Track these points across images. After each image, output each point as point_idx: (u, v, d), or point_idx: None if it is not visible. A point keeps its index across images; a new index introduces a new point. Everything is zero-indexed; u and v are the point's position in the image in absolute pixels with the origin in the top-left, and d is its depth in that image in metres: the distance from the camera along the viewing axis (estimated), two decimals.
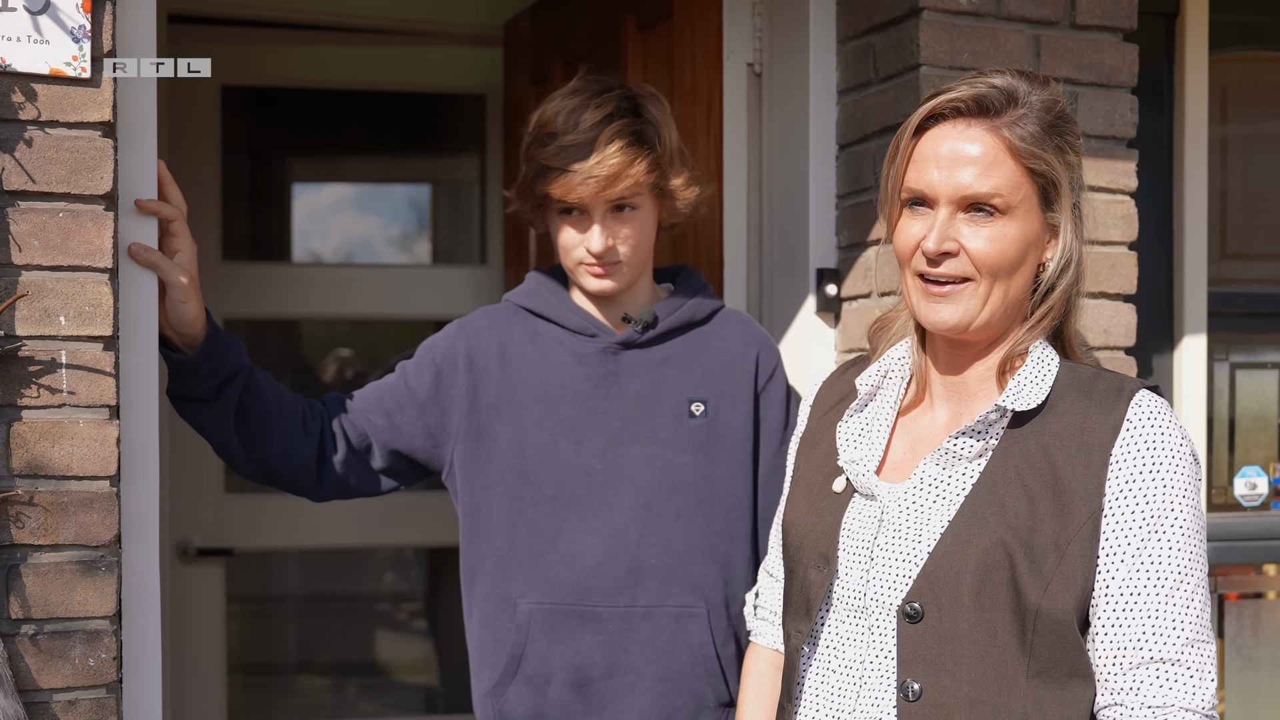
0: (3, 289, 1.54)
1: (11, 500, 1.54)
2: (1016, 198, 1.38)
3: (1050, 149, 1.39)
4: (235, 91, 3.54)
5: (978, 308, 1.40)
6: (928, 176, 1.40)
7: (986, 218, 1.38)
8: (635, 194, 1.90)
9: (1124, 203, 2.14)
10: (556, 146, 1.87)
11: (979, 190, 1.37)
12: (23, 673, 1.54)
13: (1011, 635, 1.33)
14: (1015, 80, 1.41)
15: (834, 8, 2.19)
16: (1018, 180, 1.38)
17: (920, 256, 1.41)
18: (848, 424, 1.52)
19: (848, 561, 1.45)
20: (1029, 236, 1.40)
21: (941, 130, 1.40)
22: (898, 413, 1.52)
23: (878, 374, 1.54)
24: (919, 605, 1.36)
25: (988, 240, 1.38)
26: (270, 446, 1.85)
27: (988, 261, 1.38)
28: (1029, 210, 1.39)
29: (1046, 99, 1.41)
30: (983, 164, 1.37)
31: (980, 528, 1.35)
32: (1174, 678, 1.31)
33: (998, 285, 1.40)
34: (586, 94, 1.91)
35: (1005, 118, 1.38)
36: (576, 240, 1.91)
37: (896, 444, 1.50)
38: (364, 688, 4.16)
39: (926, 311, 1.42)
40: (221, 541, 3.35)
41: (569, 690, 1.89)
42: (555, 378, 1.94)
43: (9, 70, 1.53)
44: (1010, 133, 1.37)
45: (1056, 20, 2.09)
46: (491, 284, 3.49)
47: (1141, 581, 1.32)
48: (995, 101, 1.38)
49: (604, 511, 1.91)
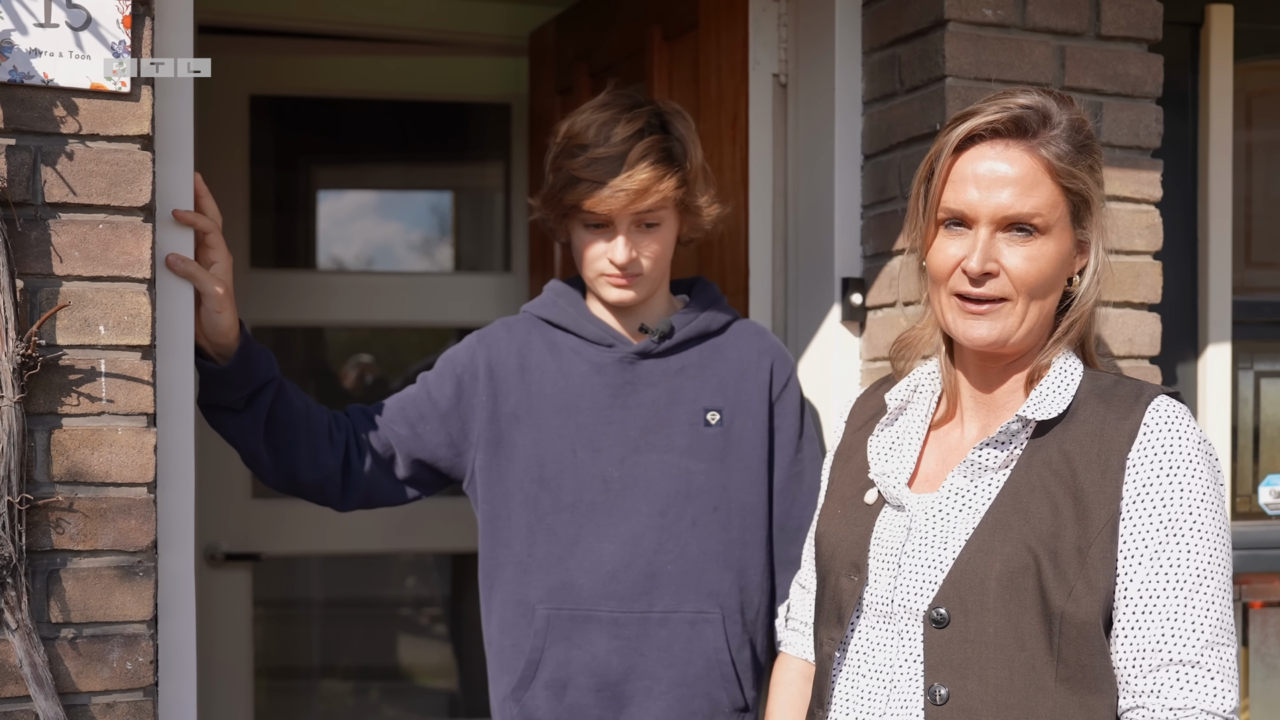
0: (44, 299, 1.57)
1: (52, 506, 1.57)
2: (1054, 217, 1.41)
3: (1083, 168, 1.42)
4: (262, 101, 3.57)
5: (1015, 325, 1.42)
6: (967, 197, 1.41)
7: (1026, 237, 1.40)
8: (661, 209, 1.93)
9: (1149, 212, 2.14)
10: (587, 158, 1.90)
11: (1020, 210, 1.40)
12: (62, 676, 1.57)
13: (1038, 640, 1.34)
14: (1044, 99, 1.43)
15: (859, 19, 2.21)
16: (1055, 199, 1.41)
17: (960, 276, 1.43)
18: (879, 438, 1.55)
19: (877, 569, 1.47)
20: (1064, 254, 1.43)
21: (979, 150, 1.42)
22: (930, 427, 1.53)
23: (907, 389, 1.56)
24: (945, 611, 1.38)
25: (1026, 259, 1.40)
26: (297, 457, 1.87)
27: (1027, 281, 1.41)
28: (1064, 229, 1.42)
29: (1075, 119, 1.44)
30: (1023, 184, 1.40)
31: (1004, 534, 1.37)
32: (1195, 680, 1.32)
33: (1034, 304, 1.42)
34: (617, 108, 1.93)
35: (1041, 137, 1.41)
36: (600, 252, 1.94)
37: (928, 457, 1.52)
38: (386, 692, 4.19)
39: (965, 328, 1.44)
40: (249, 546, 3.38)
41: (587, 694, 1.91)
42: (573, 387, 1.96)
43: (51, 85, 1.56)
44: (1047, 152, 1.40)
45: (1081, 31, 2.09)
46: (517, 291, 3.52)
47: (1160, 584, 1.33)
48: (1031, 122, 1.41)
49: (621, 519, 1.93)
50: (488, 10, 3.35)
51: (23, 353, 1.52)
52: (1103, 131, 2.10)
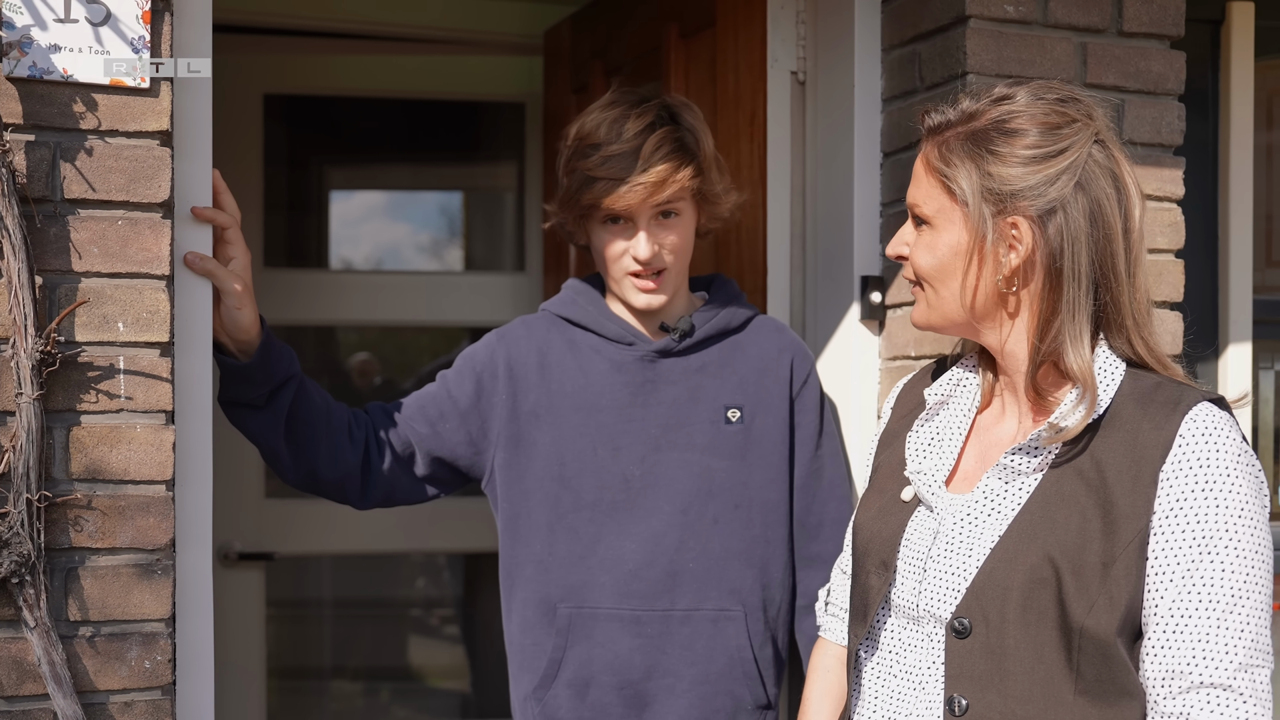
0: (63, 296, 1.56)
1: (70, 504, 1.56)
2: (932, 208, 1.44)
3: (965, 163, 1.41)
4: (276, 100, 3.57)
5: (924, 309, 1.49)
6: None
7: (921, 228, 1.47)
8: (679, 200, 1.93)
9: (1171, 210, 2.13)
10: (601, 156, 1.89)
11: (911, 200, 1.49)
12: (80, 674, 1.56)
13: (1058, 653, 1.32)
14: (976, 101, 1.45)
15: (879, 16, 2.20)
16: (935, 193, 1.44)
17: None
18: (917, 434, 1.53)
19: (905, 570, 1.46)
20: (955, 246, 1.43)
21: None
22: (972, 424, 1.52)
23: (949, 383, 1.54)
24: (967, 621, 1.36)
25: (918, 247, 1.47)
26: (317, 454, 1.87)
27: (915, 265, 1.48)
28: (951, 221, 1.43)
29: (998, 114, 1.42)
30: (917, 176, 1.48)
31: (1029, 544, 1.35)
32: (1225, 703, 1.28)
33: (935, 291, 1.46)
34: (625, 105, 1.93)
35: (944, 135, 1.45)
36: (622, 249, 1.93)
37: (969, 453, 1.50)
38: (397, 693, 4.18)
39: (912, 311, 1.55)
40: (262, 546, 3.38)
41: (609, 693, 1.90)
42: (593, 385, 1.95)
43: (71, 80, 1.55)
44: (933, 150, 1.45)
45: (1103, 28, 2.08)
46: (530, 291, 3.51)
47: (1192, 603, 1.30)
48: (938, 123, 1.46)
49: (642, 517, 1.92)
50: (502, 9, 3.34)
51: (42, 349, 1.52)
52: (1124, 129, 2.09)
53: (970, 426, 1.51)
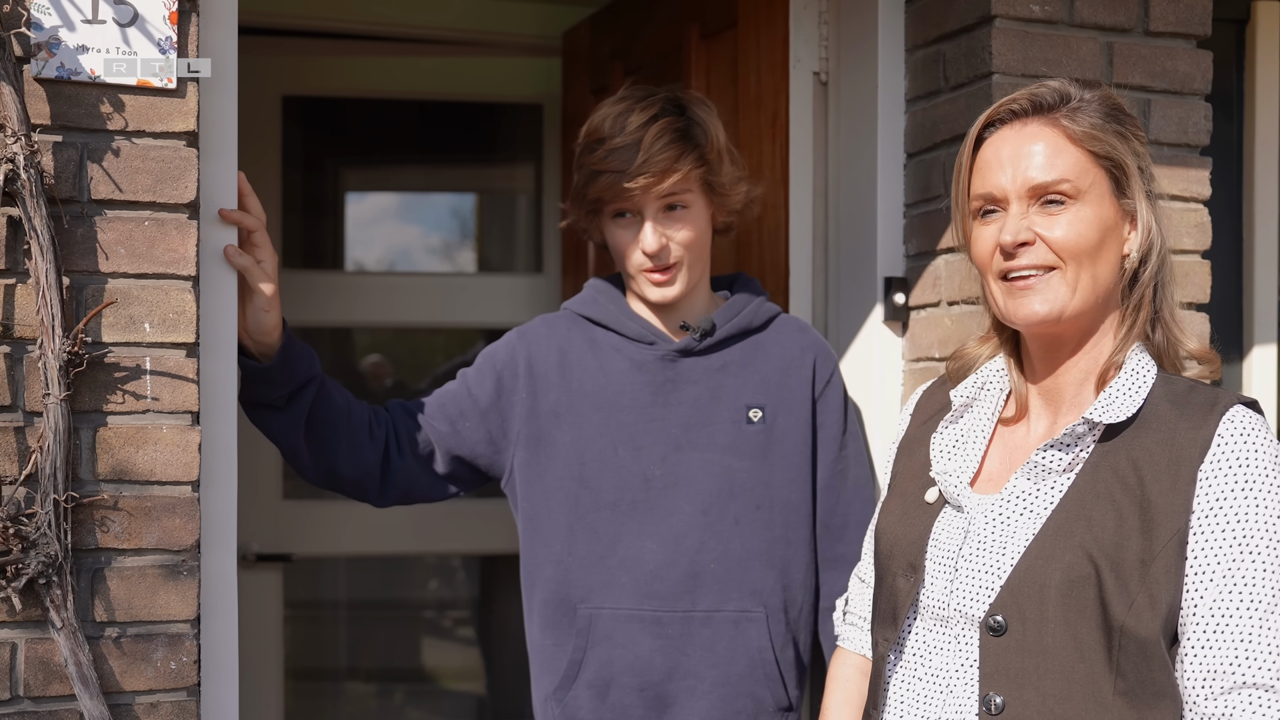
0: (90, 297, 1.56)
1: (97, 505, 1.56)
2: (1085, 182, 1.39)
3: (1111, 134, 1.40)
4: (292, 101, 3.57)
5: (1067, 295, 1.39)
6: (994, 179, 1.41)
7: (1059, 207, 1.39)
8: (684, 190, 1.91)
9: (1197, 211, 2.12)
10: (605, 150, 1.89)
11: (1045, 179, 1.39)
12: (107, 675, 1.56)
13: (1098, 652, 1.31)
14: (1065, 84, 1.43)
15: (903, 16, 2.19)
16: (1084, 165, 1.39)
17: (999, 256, 1.41)
18: (942, 435, 1.52)
19: (934, 571, 1.44)
20: (1105, 221, 1.40)
21: (1001, 134, 1.43)
22: (996, 424, 1.51)
23: (974, 385, 1.53)
24: (1002, 619, 1.35)
25: (1064, 226, 1.38)
26: (338, 454, 1.87)
27: (1067, 245, 1.38)
28: (1101, 196, 1.40)
29: (1101, 94, 1.43)
30: (1045, 154, 1.39)
31: (1065, 542, 1.34)
32: (1268, 704, 1.27)
33: (1084, 271, 1.39)
34: (632, 99, 1.93)
35: (1060, 111, 1.40)
36: (631, 244, 1.92)
37: (993, 455, 1.49)
38: (411, 694, 4.18)
39: (1015, 308, 1.41)
40: (280, 547, 3.38)
41: (629, 695, 1.90)
42: (614, 385, 1.95)
43: (98, 81, 1.55)
44: (1069, 121, 1.40)
45: (1129, 27, 2.07)
46: (549, 292, 3.50)
47: (1233, 603, 1.29)
48: (1049, 99, 1.41)
49: (663, 517, 1.91)
50: (520, 10, 3.34)
51: (69, 350, 1.51)
52: (1150, 129, 2.08)
53: (993, 430, 1.50)
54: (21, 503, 1.53)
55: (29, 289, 1.54)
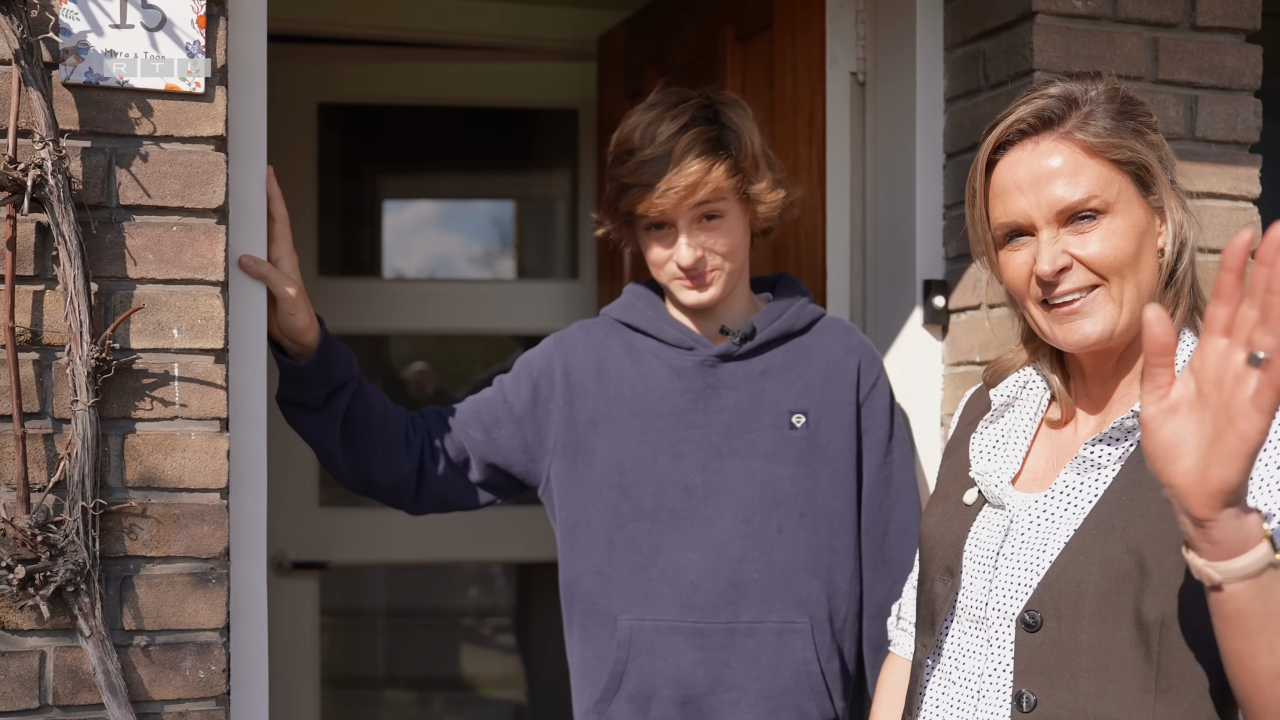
0: (119, 302, 1.55)
1: (125, 512, 1.55)
2: (1112, 193, 1.34)
3: (1128, 134, 1.36)
4: (329, 109, 3.58)
5: (1115, 312, 1.35)
6: (1017, 205, 1.36)
7: (1090, 223, 1.35)
8: (719, 200, 1.87)
9: (1247, 209, 2.06)
10: (635, 162, 1.86)
11: (1073, 199, 1.34)
12: (135, 684, 1.55)
13: (1136, 649, 1.27)
14: (1069, 84, 1.38)
15: (941, 14, 2.15)
16: (1108, 176, 1.35)
17: (1036, 284, 1.37)
18: (982, 435, 1.49)
19: (972, 571, 1.41)
20: (1139, 226, 1.36)
21: (1013, 156, 1.37)
22: (1041, 424, 1.47)
23: (1016, 384, 1.49)
24: (1038, 614, 1.31)
25: (1099, 242, 1.34)
26: (373, 458, 1.85)
27: (1106, 262, 1.34)
28: (1129, 201, 1.36)
29: (1106, 89, 1.38)
30: (1067, 173, 1.34)
31: (1107, 536, 1.30)
32: None
33: (1127, 283, 1.35)
34: (663, 106, 1.89)
35: (1071, 121, 1.35)
36: (666, 255, 1.89)
37: (1036, 455, 1.45)
38: (450, 702, 4.17)
39: (1065, 333, 1.37)
40: (316, 555, 3.38)
41: (672, 707, 1.86)
42: (653, 391, 1.91)
43: (126, 86, 1.54)
44: (1083, 134, 1.34)
45: (1175, 22, 2.02)
46: (585, 299, 3.48)
47: None
48: (1056, 110, 1.36)
49: (704, 526, 1.88)
50: (555, 15, 3.33)
51: (97, 356, 1.51)
52: (1198, 126, 2.02)
53: (1037, 429, 1.46)
54: (50, 510, 1.53)
55: (57, 295, 1.53)
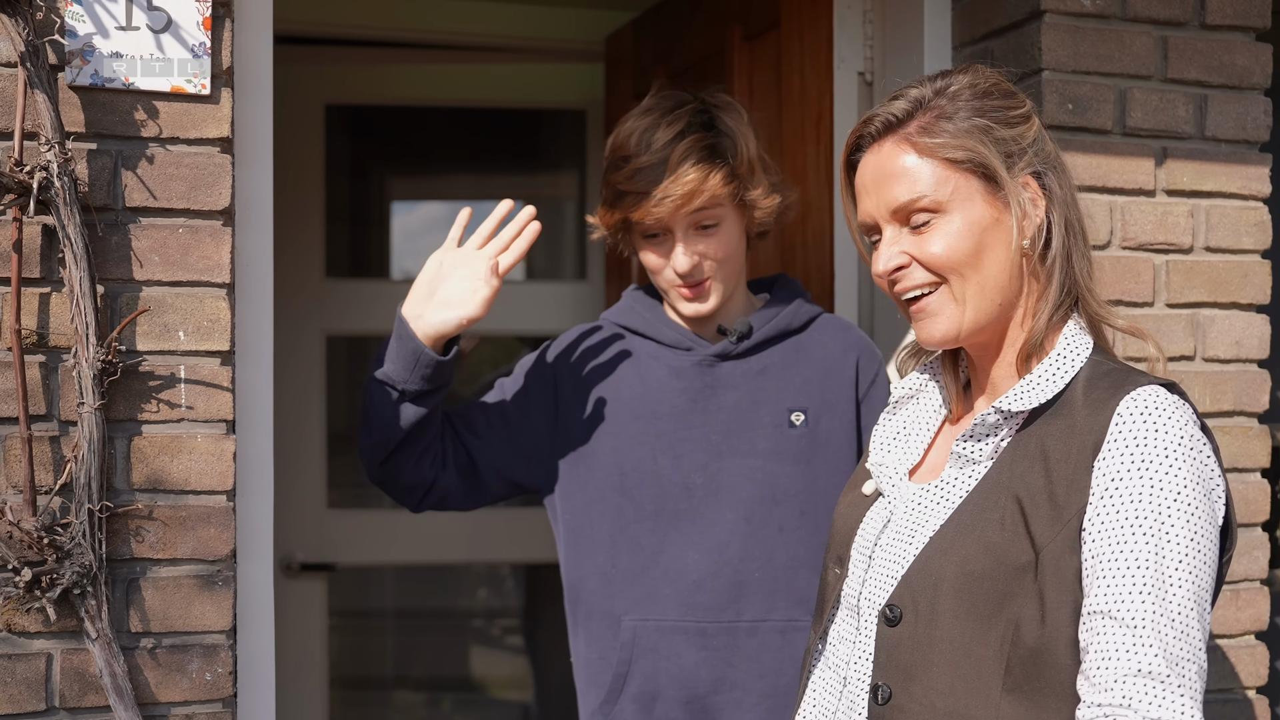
0: (125, 305, 1.56)
1: (132, 514, 1.55)
2: (945, 192, 1.36)
3: (970, 133, 1.36)
4: (336, 110, 3.58)
5: (958, 310, 1.37)
6: (864, 207, 1.41)
7: (925, 224, 1.37)
8: (715, 207, 1.87)
9: (1256, 209, 2.05)
10: (630, 169, 1.85)
11: (903, 200, 1.37)
12: (142, 686, 1.55)
13: (988, 647, 1.28)
14: (925, 85, 1.40)
15: (949, 13, 2.14)
16: (942, 176, 1.36)
17: (885, 283, 1.41)
18: (883, 428, 1.51)
19: (855, 561, 1.44)
20: (979, 223, 1.36)
21: (864, 160, 1.42)
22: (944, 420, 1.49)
23: (919, 379, 1.52)
24: (899, 609, 1.34)
25: (934, 241, 1.36)
26: (407, 458, 1.86)
27: (941, 261, 1.36)
28: (968, 199, 1.36)
29: (968, 83, 1.39)
30: (900, 173, 1.37)
31: (965, 535, 1.31)
32: (1160, 694, 1.21)
33: (968, 281, 1.36)
34: (658, 112, 1.88)
35: (914, 124, 1.37)
36: (662, 263, 1.89)
37: (939, 446, 1.47)
38: (459, 703, 4.17)
39: (919, 332, 1.41)
40: (324, 557, 3.38)
41: (676, 707, 1.86)
42: (652, 393, 1.92)
43: (132, 88, 1.55)
44: (922, 136, 1.37)
45: (1185, 20, 2.01)
46: (593, 300, 3.48)
47: (1125, 590, 1.23)
48: (901, 113, 1.38)
49: (705, 526, 1.88)
50: (562, 16, 3.32)
51: (103, 359, 1.51)
52: (1207, 126, 2.01)
53: (943, 421, 1.48)
54: (56, 512, 1.53)
55: (63, 297, 1.53)
